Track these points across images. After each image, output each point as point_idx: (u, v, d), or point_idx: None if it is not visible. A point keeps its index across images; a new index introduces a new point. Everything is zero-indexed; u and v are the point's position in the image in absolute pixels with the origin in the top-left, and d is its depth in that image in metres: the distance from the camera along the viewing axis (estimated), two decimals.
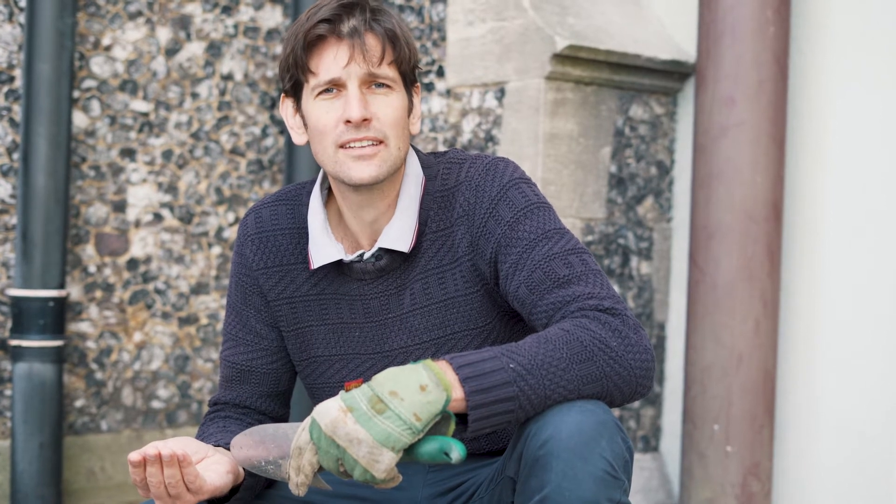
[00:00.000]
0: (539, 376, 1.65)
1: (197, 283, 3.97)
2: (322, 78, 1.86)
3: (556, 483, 1.61)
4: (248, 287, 2.01)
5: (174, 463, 1.71)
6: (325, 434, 1.62)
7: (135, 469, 1.72)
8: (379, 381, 1.63)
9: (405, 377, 1.63)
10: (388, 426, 1.60)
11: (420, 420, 1.61)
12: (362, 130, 1.85)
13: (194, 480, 1.73)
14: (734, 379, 3.25)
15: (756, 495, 3.27)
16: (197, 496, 1.75)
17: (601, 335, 1.71)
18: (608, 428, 1.65)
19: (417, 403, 1.61)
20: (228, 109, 4.03)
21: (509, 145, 3.41)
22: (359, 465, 1.61)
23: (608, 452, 1.63)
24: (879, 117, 3.20)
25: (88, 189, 3.77)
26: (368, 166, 1.85)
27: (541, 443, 1.63)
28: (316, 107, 1.87)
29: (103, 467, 3.81)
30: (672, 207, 3.64)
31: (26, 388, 3.54)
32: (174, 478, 1.72)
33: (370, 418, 1.60)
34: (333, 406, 1.63)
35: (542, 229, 1.85)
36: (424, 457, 1.64)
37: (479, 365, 1.64)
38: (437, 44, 3.69)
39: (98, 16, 3.77)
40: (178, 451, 1.71)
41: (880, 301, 3.19)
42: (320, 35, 1.85)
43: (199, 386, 3.99)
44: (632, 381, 1.73)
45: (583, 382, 1.68)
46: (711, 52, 3.29)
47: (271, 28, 4.11)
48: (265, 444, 1.76)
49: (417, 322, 1.92)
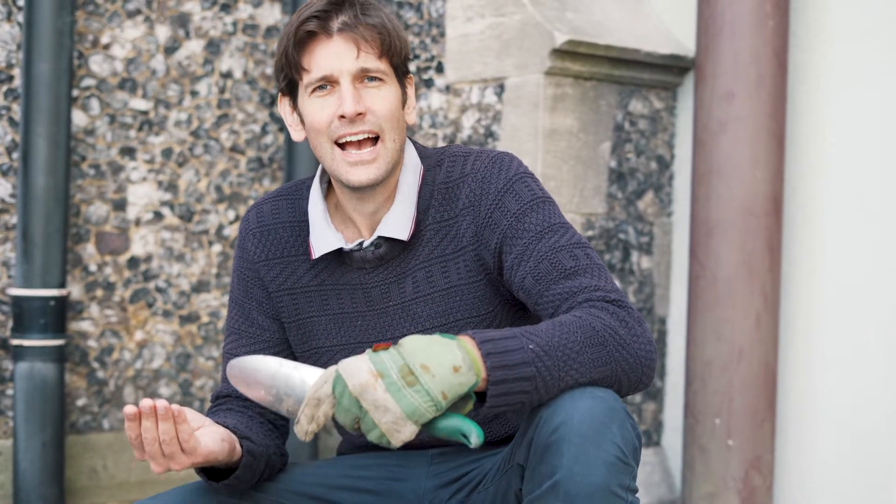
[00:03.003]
0: (555, 357, 1.68)
1: (198, 281, 3.98)
2: (315, 75, 1.88)
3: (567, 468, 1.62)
4: (250, 279, 2.04)
5: (169, 417, 1.71)
6: (351, 394, 1.63)
7: (130, 423, 1.71)
8: (410, 350, 1.64)
9: (438, 353, 1.64)
10: (416, 400, 1.62)
11: (446, 399, 1.63)
12: (357, 124, 1.88)
13: (188, 439, 1.74)
14: (735, 373, 3.25)
15: (758, 489, 3.28)
16: (191, 457, 1.75)
17: (611, 323, 1.74)
18: (619, 414, 1.67)
19: (447, 383, 1.62)
20: (228, 107, 4.03)
21: (509, 141, 3.41)
22: (377, 429, 1.63)
23: (619, 438, 1.65)
24: (879, 111, 3.20)
25: (88, 188, 3.77)
26: (367, 170, 1.88)
27: (552, 428, 1.65)
28: (311, 104, 1.90)
29: (105, 466, 3.82)
30: (672, 202, 3.64)
31: (28, 387, 3.55)
32: (169, 433, 1.72)
33: (400, 389, 1.62)
34: (363, 368, 1.64)
35: (547, 222, 1.88)
36: (441, 432, 1.66)
37: (501, 342, 1.66)
38: (437, 40, 3.69)
39: (97, 14, 3.77)
40: (173, 408, 1.72)
41: (881, 294, 3.19)
42: (311, 32, 1.88)
43: (200, 384, 3.99)
44: (637, 370, 1.76)
45: (594, 366, 1.71)
46: (710, 47, 3.29)
47: (270, 25, 4.11)
48: (266, 376, 1.76)
49: (420, 310, 1.94)
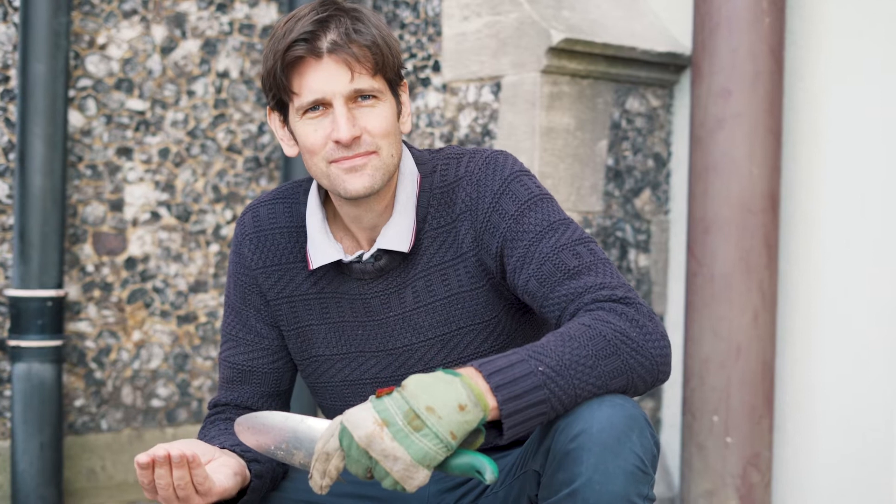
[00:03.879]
0: (568, 377, 1.65)
1: (195, 281, 3.97)
2: (305, 99, 1.81)
3: (586, 476, 1.61)
4: (248, 287, 2.00)
5: (184, 464, 1.70)
6: (359, 446, 1.60)
7: (143, 471, 1.70)
8: (413, 393, 1.61)
9: (442, 393, 1.60)
10: (424, 444, 1.59)
11: (455, 438, 1.60)
12: (353, 148, 1.82)
13: (203, 482, 1.72)
14: (733, 370, 3.25)
15: (756, 486, 3.28)
16: (206, 498, 1.74)
17: (621, 327, 1.71)
18: (638, 422, 1.65)
19: (455, 423, 1.59)
20: (224, 107, 4.03)
21: (506, 139, 3.41)
22: (390, 477, 1.61)
23: (638, 447, 1.63)
24: (875, 107, 3.20)
25: (85, 188, 3.76)
26: (361, 177, 1.82)
27: (571, 437, 1.63)
28: (303, 126, 1.84)
29: (104, 466, 3.81)
30: (669, 200, 3.64)
31: (26, 388, 3.54)
32: (183, 479, 1.70)
33: (407, 435, 1.59)
34: (367, 418, 1.60)
35: (547, 221, 1.84)
36: (455, 471, 1.64)
37: (509, 371, 1.63)
38: (433, 39, 3.69)
39: (93, 14, 3.76)
40: (187, 452, 1.70)
41: (878, 291, 3.19)
42: (299, 56, 1.80)
43: (198, 384, 3.99)
44: (653, 370, 1.73)
45: (610, 377, 1.68)
46: (707, 45, 3.29)
47: (266, 25, 4.10)
48: (274, 432, 1.74)
49: (422, 319, 1.91)
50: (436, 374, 1.63)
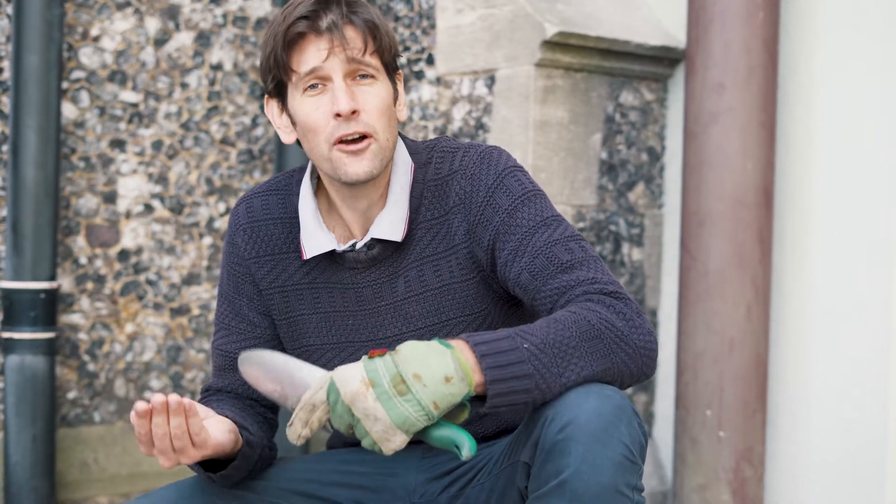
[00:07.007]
0: (551, 354, 1.67)
1: (188, 273, 3.97)
2: (304, 70, 1.86)
3: (575, 467, 1.62)
4: (240, 276, 2.02)
5: (181, 412, 1.71)
6: (344, 402, 1.64)
7: (140, 420, 1.71)
8: (404, 358, 1.65)
9: (432, 362, 1.64)
10: (406, 410, 1.62)
11: (438, 409, 1.63)
12: (352, 124, 1.85)
13: (199, 432, 1.74)
14: (726, 364, 3.26)
15: (749, 480, 3.28)
16: (200, 450, 1.75)
17: (607, 316, 1.73)
18: (626, 413, 1.66)
19: (439, 393, 1.63)
20: (218, 99, 4.02)
21: (499, 133, 3.41)
22: (369, 437, 1.64)
23: (627, 437, 1.65)
24: (869, 102, 3.20)
25: (78, 180, 3.76)
26: (361, 161, 1.86)
27: (559, 427, 1.65)
28: (303, 104, 1.88)
29: (97, 459, 3.81)
30: (663, 194, 3.64)
31: (18, 380, 3.54)
32: (180, 428, 1.71)
33: (390, 398, 1.62)
34: (356, 376, 1.64)
35: (540, 216, 1.87)
36: (434, 441, 1.67)
37: (495, 343, 1.67)
38: (427, 32, 3.68)
39: (86, 6, 3.75)
40: (184, 400, 1.72)
41: (871, 285, 3.19)
42: (300, 32, 1.85)
43: (191, 376, 3.99)
44: (638, 360, 1.75)
45: (592, 359, 1.70)
46: (701, 39, 3.29)
47: (260, 17, 4.10)
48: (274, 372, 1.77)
49: (412, 309, 1.93)
50: (430, 343, 1.67)
